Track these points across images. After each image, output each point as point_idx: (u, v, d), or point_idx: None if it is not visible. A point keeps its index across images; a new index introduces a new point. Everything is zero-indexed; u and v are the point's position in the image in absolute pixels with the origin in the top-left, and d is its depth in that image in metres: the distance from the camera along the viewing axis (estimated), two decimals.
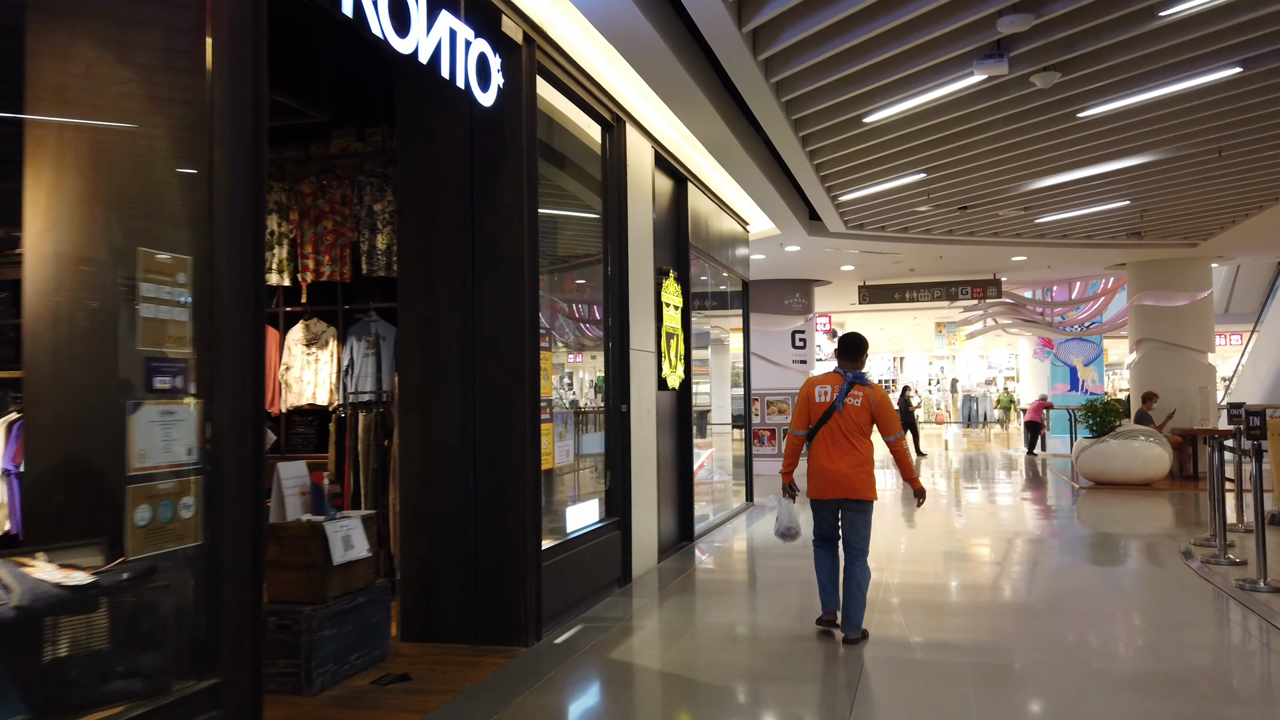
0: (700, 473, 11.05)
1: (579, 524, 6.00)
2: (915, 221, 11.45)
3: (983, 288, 16.08)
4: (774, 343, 16.03)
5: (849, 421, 5.10)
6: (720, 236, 10.40)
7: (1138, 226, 11.92)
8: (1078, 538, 9.14)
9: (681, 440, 8.59)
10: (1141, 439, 12.94)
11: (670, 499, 8.17)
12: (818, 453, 5.16)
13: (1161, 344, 14.49)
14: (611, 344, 6.70)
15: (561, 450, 5.73)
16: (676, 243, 8.64)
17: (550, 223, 6.54)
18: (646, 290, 7.40)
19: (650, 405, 7.40)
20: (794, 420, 5.33)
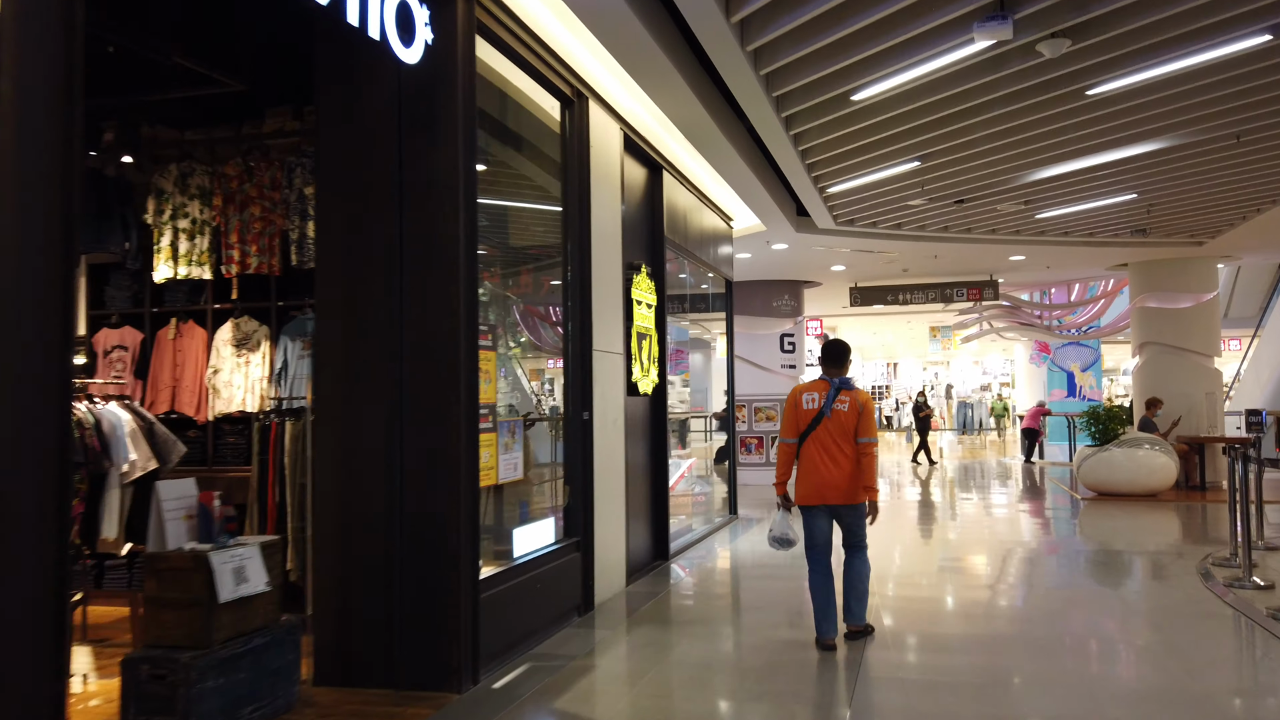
0: (680, 484, 10.38)
1: (530, 546, 5.31)
2: (908, 217, 10.81)
3: (979, 289, 15.45)
4: (762, 347, 15.36)
5: (837, 427, 5.17)
6: (701, 232, 9.74)
7: (1143, 223, 11.29)
8: (1083, 555, 8.47)
9: (655, 450, 7.91)
10: (1146, 448, 12.30)
11: (642, 514, 7.49)
12: (808, 459, 5.21)
13: (1165, 348, 13.86)
14: (572, 345, 6.02)
15: (508, 464, 5.04)
16: (650, 236, 7.97)
17: (500, 208, 5.88)
18: (614, 286, 6.73)
19: (617, 412, 6.72)
20: (783, 429, 5.37)
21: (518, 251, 6.26)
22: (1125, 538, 9.40)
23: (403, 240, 4.47)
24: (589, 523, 6.02)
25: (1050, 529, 10.37)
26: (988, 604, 6.42)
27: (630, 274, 7.15)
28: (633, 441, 7.24)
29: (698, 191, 9.55)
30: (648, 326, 7.53)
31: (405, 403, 4.42)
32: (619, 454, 6.72)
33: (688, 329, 14.28)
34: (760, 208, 9.97)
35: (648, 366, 7.49)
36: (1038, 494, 13.92)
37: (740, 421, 15.26)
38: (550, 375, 15.50)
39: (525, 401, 7.30)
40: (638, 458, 7.43)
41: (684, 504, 10.20)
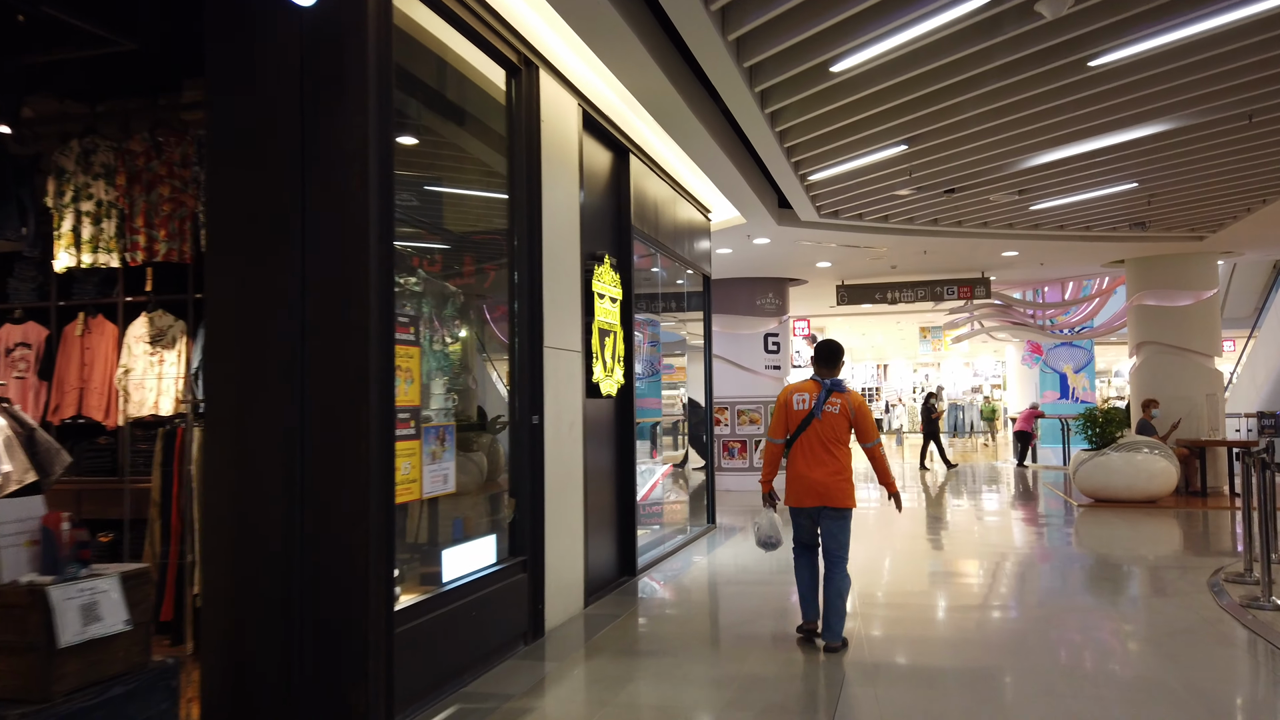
0: (654, 492, 9.77)
1: (464, 569, 4.68)
2: (896, 209, 10.22)
3: (970, 287, 14.88)
4: (745, 347, 14.77)
5: (827, 429, 5.14)
6: (675, 224, 9.13)
7: (1143, 215, 10.74)
8: (1083, 568, 7.89)
9: (621, 456, 7.30)
10: (1145, 451, 11.74)
11: (604, 527, 6.87)
12: (796, 460, 5.18)
13: (1164, 347, 13.32)
14: (519, 341, 5.40)
15: (437, 475, 4.41)
16: (616, 225, 7.36)
17: (438, 187, 5.26)
18: (570, 277, 6.12)
19: (575, 416, 6.10)
20: (772, 428, 5.32)
21: (462, 238, 5.64)
22: (1126, 548, 8.83)
23: (305, 220, 3.84)
24: (538, 539, 5.40)
25: (1046, 538, 9.79)
26: (979, 629, 5.82)
27: (591, 265, 6.54)
28: (594, 447, 6.63)
29: (671, 181, 8.94)
30: (611, 322, 6.92)
31: (308, 406, 3.79)
32: (576, 462, 6.10)
33: (674, 330, 13.71)
34: (739, 198, 9.37)
35: (611, 366, 6.88)
36: (1031, 499, 13.35)
37: (722, 425, 14.66)
38: None
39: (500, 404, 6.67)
40: (600, 465, 6.82)
41: (658, 514, 9.59)
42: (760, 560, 8.14)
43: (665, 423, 13.38)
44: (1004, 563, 8.20)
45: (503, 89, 5.40)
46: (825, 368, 5.31)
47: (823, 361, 5.33)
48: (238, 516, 3.84)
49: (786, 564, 6.01)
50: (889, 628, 5.82)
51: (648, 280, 9.96)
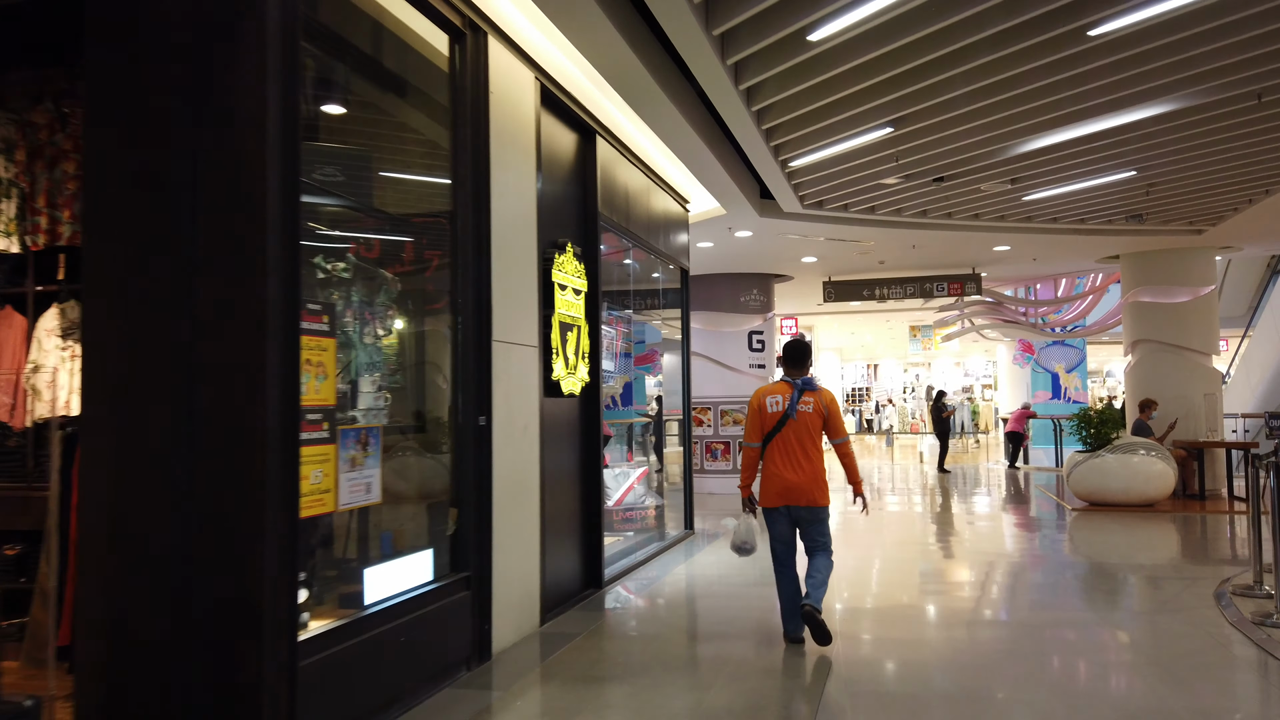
0: (629, 497, 9.28)
1: (392, 589, 4.18)
2: (883, 199, 9.75)
3: (960, 283, 14.43)
4: (729, 345, 14.29)
5: (802, 428, 5.17)
6: (651, 215, 8.64)
7: (1140, 206, 10.30)
8: (1079, 578, 7.42)
9: (587, 459, 6.80)
10: (1142, 453, 11.30)
11: (566, 536, 6.37)
12: (773, 461, 5.20)
13: (1160, 345, 12.88)
14: (462, 334, 4.89)
15: (358, 484, 3.91)
16: (581, 212, 6.86)
17: (365, 162, 4.76)
18: (525, 266, 5.62)
19: (530, 417, 5.60)
20: (747, 433, 5.34)
21: (400, 221, 5.12)
22: (1124, 556, 8.38)
23: (197, 191, 3.33)
24: (484, 552, 4.89)
25: (1039, 544, 9.32)
26: (970, 648, 5.34)
27: (551, 254, 6.04)
28: (555, 450, 6.13)
29: (646, 168, 8.45)
30: (575, 315, 6.42)
31: (197, 407, 3.28)
32: (532, 466, 5.59)
33: (656, 327, 13.22)
34: (717, 186, 8.88)
35: (575, 363, 6.38)
36: (1023, 502, 12.90)
37: (705, 425, 14.18)
38: None
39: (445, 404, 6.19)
40: (562, 469, 6.32)
41: (632, 519, 9.09)
42: (739, 569, 7.66)
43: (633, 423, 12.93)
44: (995, 572, 7.73)
45: (445, 55, 4.90)
46: (795, 368, 5.34)
47: (792, 361, 5.37)
48: (116, 535, 3.32)
49: (766, 573, 5.79)
50: (875, 649, 5.34)
51: (620, 274, 9.48)
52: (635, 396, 18.37)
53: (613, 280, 9.41)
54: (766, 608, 6.30)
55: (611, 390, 10.22)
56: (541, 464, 5.72)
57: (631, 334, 13.80)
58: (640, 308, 10.17)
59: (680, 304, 9.95)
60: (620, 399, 18.85)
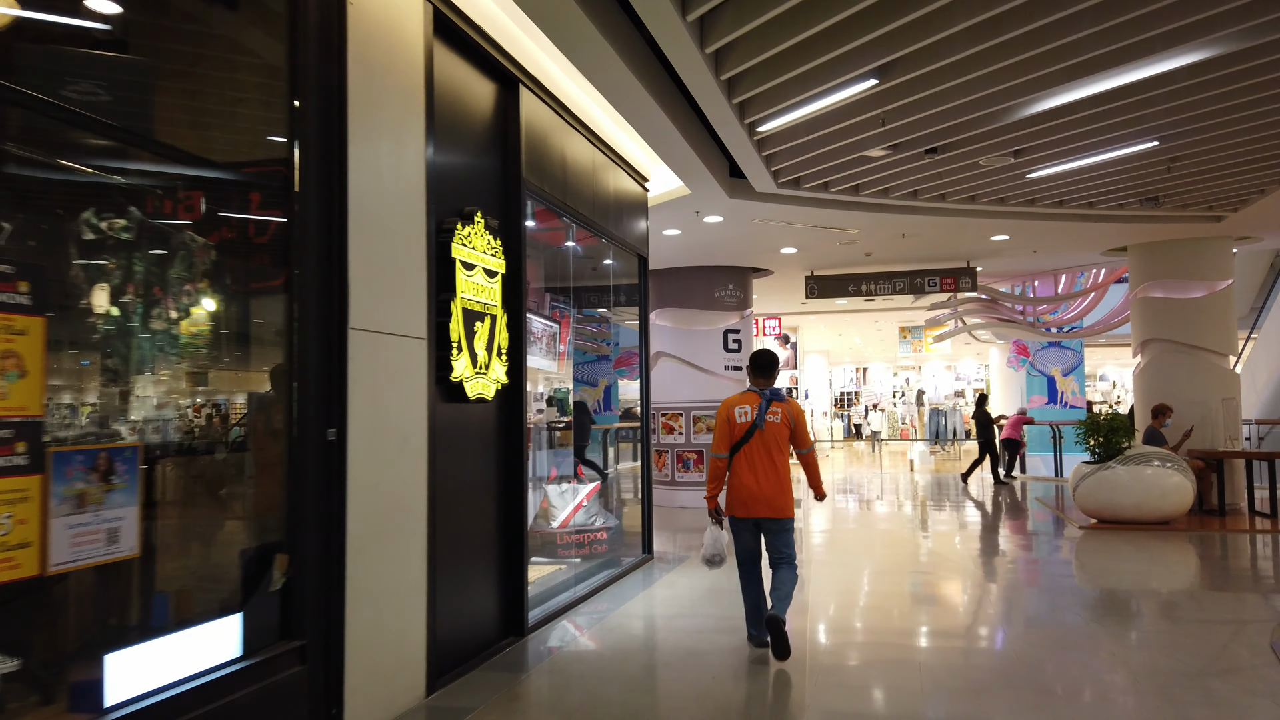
0: (576, 516, 8.07)
1: (162, 678, 2.94)
2: (868, 175, 8.56)
3: (954, 278, 13.27)
4: (702, 345, 13.09)
5: (770, 439, 5.18)
6: (600, 192, 7.44)
7: (1158, 187, 9.14)
8: (1098, 617, 6.22)
9: (506, 478, 5.58)
10: (1156, 465, 10.15)
11: (471, 574, 5.15)
12: (740, 471, 5.20)
13: (1173, 345, 11.74)
14: (298, 320, 3.66)
15: (89, 532, 2.68)
16: (500, 178, 5.66)
17: (159, 85, 3.52)
18: (406, 235, 4.39)
19: (414, 427, 4.37)
20: (716, 443, 5.30)
21: (219, 168, 3.89)
22: (1145, 585, 7.20)
23: None
24: (332, 609, 3.67)
25: (1044, 569, 8.14)
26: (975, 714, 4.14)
27: (452, 225, 4.83)
28: (456, 467, 4.91)
29: (594, 137, 7.25)
30: (488, 302, 5.21)
31: None
32: (415, 489, 4.37)
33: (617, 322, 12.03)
34: (677, 159, 7.68)
35: (486, 360, 5.16)
36: (1023, 517, 11.72)
37: (676, 432, 12.98)
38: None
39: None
40: (467, 491, 5.10)
41: (578, 544, 7.87)
42: (705, 602, 6.47)
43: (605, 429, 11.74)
44: (997, 604, 6.53)
45: None
46: (763, 377, 5.35)
47: (760, 371, 5.36)
48: None
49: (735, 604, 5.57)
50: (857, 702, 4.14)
51: (578, 266, 8.29)
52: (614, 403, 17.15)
53: (555, 269, 8.22)
54: (732, 646, 5.10)
55: (561, 395, 9.02)
56: (432, 486, 4.49)
57: (605, 334, 12.65)
58: (592, 303, 8.98)
59: (638, 297, 8.74)
60: (602, 404, 17.66)
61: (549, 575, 7.12)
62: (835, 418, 30.53)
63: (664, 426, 13.14)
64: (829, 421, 28.21)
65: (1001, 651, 5.43)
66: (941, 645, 5.51)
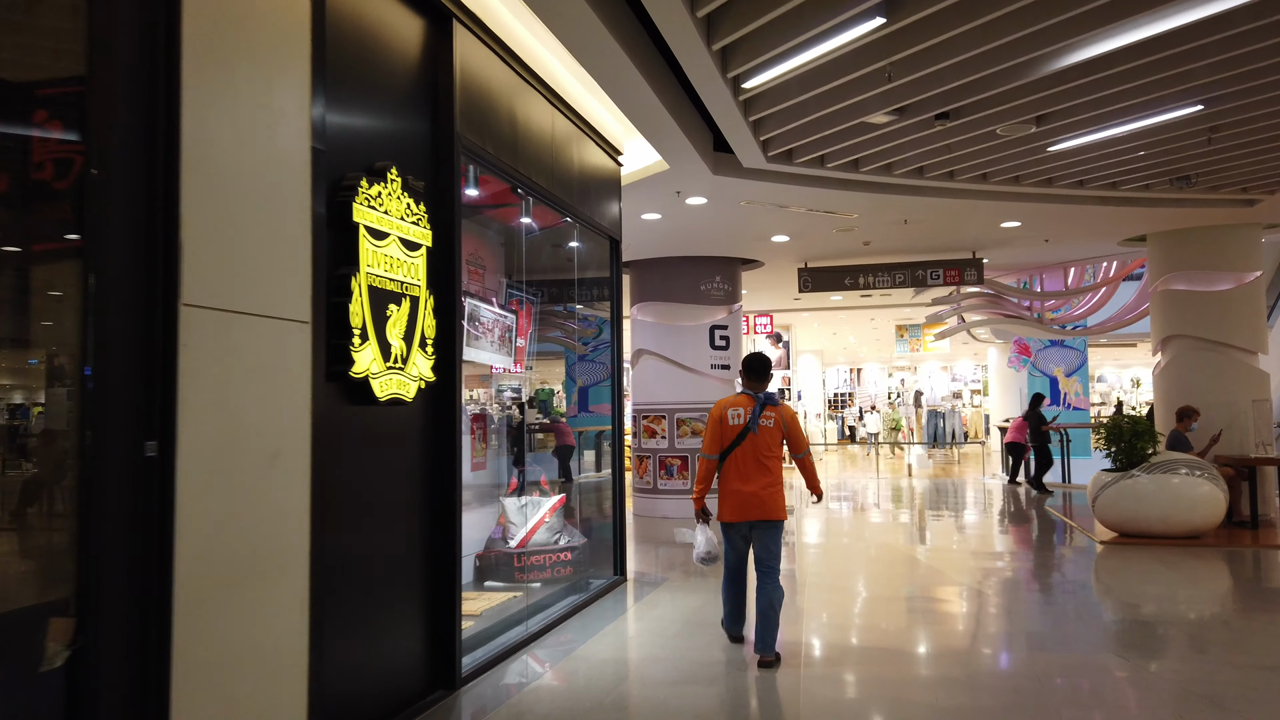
0: (537, 535, 7.08)
1: None
2: (868, 147, 7.58)
3: (959, 270, 12.30)
4: (687, 342, 12.10)
5: (762, 443, 5.15)
6: (562, 161, 6.47)
7: (1192, 163, 8.19)
8: (1136, 660, 5.25)
9: (432, 496, 4.58)
10: (1184, 473, 9.20)
11: (378, 622, 4.14)
12: (731, 475, 5.16)
13: (1198, 342, 10.79)
14: (96, 285, 2.66)
15: None
16: (430, 135, 4.66)
17: None
18: (280, 187, 3.38)
19: (290, 437, 3.35)
20: (706, 444, 5.25)
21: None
22: (1184, 615, 6.25)
23: None
24: (150, 688, 2.67)
25: (1067, 593, 7.17)
26: None
27: (355, 181, 3.84)
28: (363, 486, 3.93)
29: (555, 98, 6.28)
30: (407, 280, 4.22)
31: None
32: (291, 519, 3.35)
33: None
34: (651, 124, 6.69)
35: (405, 351, 4.17)
36: (1035, 529, 10.75)
37: (659, 436, 11.99)
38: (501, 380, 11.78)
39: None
40: (378, 515, 4.10)
41: (538, 566, 6.88)
42: (683, 637, 5.49)
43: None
44: (1019, 652, 5.56)
45: None
46: (756, 380, 5.32)
47: (754, 374, 5.34)
48: None
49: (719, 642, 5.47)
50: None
51: (524, 243, 7.30)
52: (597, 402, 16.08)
53: (530, 257, 7.23)
54: (717, 702, 4.13)
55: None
56: (319, 511, 3.48)
57: (582, 331, 11.66)
58: (560, 295, 7.99)
59: (609, 285, 7.74)
60: (578, 405, 16.60)
61: (501, 606, 6.13)
62: (830, 419, 29.59)
63: (645, 430, 12.16)
64: (823, 424, 27.26)
65: (1030, 708, 4.45)
66: (955, 701, 4.52)
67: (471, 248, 7.25)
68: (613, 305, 7.71)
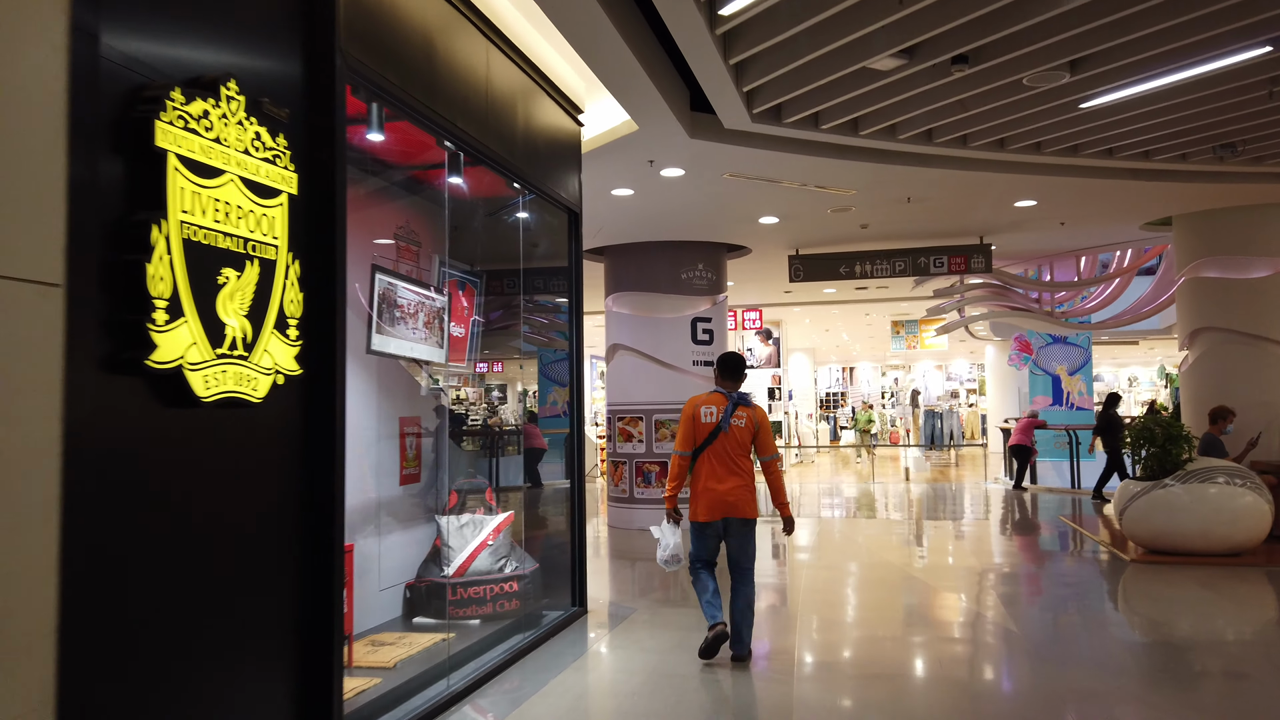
0: (478, 560, 5.95)
1: None
2: (870, 102, 6.46)
3: (964, 258, 11.22)
4: (665, 335, 11.00)
5: (734, 442, 5.14)
6: (503, 110, 5.34)
7: (1241, 128, 7.12)
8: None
9: (301, 528, 3.42)
10: (1222, 481, 8.13)
11: (199, 705, 2.99)
12: (703, 475, 5.13)
13: (1231, 335, 9.74)
14: None
15: None
16: (303, 45, 3.51)
17: None
18: (19, 89, 2.25)
19: (16, 463, 2.22)
20: (679, 441, 5.21)
21: None
22: (1245, 647, 5.16)
23: None
24: None
25: (1093, 630, 6.08)
26: None
27: (160, 94, 2.70)
28: (179, 523, 2.79)
29: (494, 36, 5.15)
30: (257, 238, 3.08)
31: None
32: (18, 581, 2.22)
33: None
34: (617, 74, 5.57)
35: (250, 334, 3.03)
36: (1042, 540, 9.66)
37: (636, 440, 10.88)
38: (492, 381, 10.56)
39: None
40: (205, 562, 2.96)
41: (480, 599, 5.75)
42: (650, 693, 4.39)
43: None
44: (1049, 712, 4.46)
45: None
46: (731, 380, 5.27)
47: (728, 374, 5.29)
48: None
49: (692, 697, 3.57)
50: None
51: (469, 218, 6.21)
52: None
53: (483, 238, 6.09)
54: None
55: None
56: (76, 567, 2.34)
57: (547, 323, 10.50)
58: (509, 281, 6.85)
59: (567, 265, 6.61)
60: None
61: (426, 653, 4.99)
62: (821, 419, 28.52)
63: (621, 433, 11.05)
64: (814, 424, 26.19)
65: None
66: None
67: (403, 218, 6.13)
68: (571, 289, 6.58)
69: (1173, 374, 34.13)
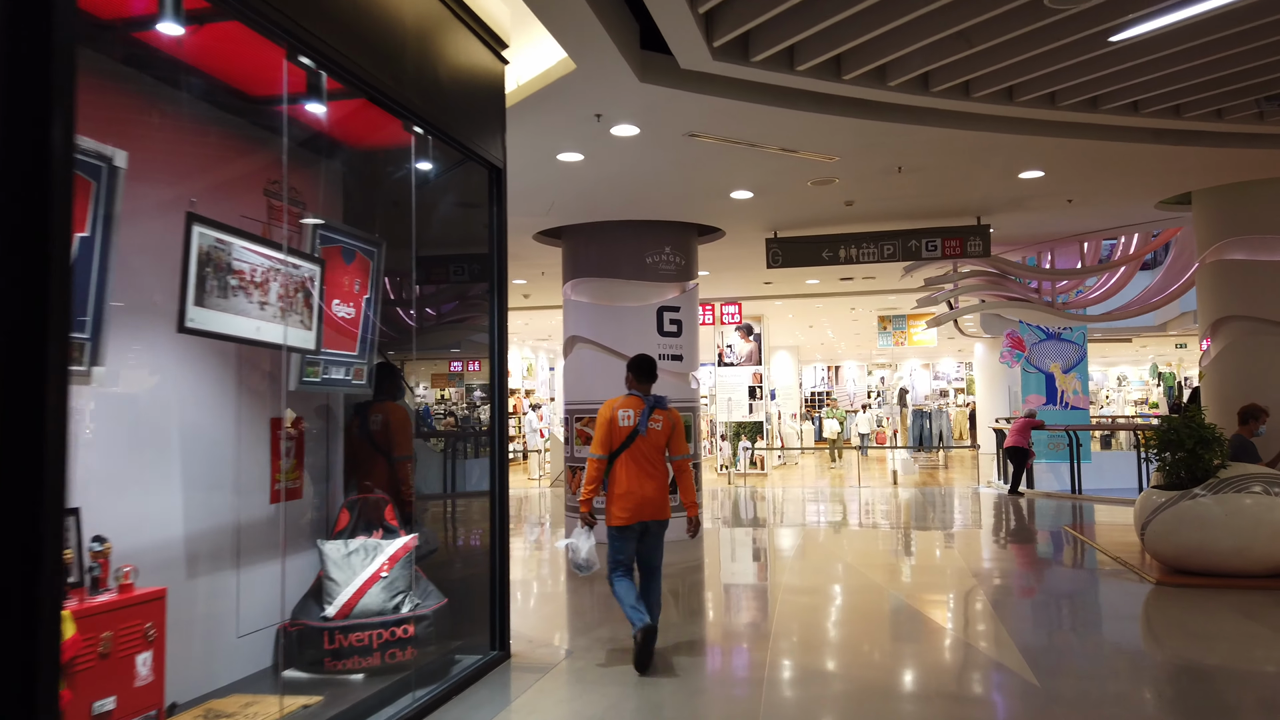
0: (368, 597, 4.76)
1: None
2: (856, 34, 5.30)
3: (960, 240, 10.10)
4: (630, 326, 9.84)
5: (651, 445, 5.16)
6: (387, 32, 4.17)
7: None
8: None
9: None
10: (1259, 491, 7.05)
11: None
12: (622, 478, 5.14)
13: (1261, 324, 8.67)
14: None
15: None
16: None
17: None
18: None
19: None
20: (596, 444, 5.19)
21: None
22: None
23: None
24: None
25: (1130, 678, 4.95)
26: None
27: None
28: None
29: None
30: None
31: None
32: None
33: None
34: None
35: None
36: (1044, 554, 8.55)
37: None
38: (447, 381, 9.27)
39: None
40: None
41: (366, 648, 4.56)
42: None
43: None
44: None
45: None
46: (645, 382, 5.29)
47: (642, 376, 5.29)
48: None
49: None
50: None
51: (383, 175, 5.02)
52: None
53: (381, 196, 4.91)
54: None
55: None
56: None
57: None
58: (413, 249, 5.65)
59: (489, 231, 5.41)
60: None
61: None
62: (805, 420, 27.42)
63: (579, 434, 9.88)
64: (798, 425, 25.10)
65: None
66: None
67: (278, 173, 4.93)
68: (493, 260, 5.38)
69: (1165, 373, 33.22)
